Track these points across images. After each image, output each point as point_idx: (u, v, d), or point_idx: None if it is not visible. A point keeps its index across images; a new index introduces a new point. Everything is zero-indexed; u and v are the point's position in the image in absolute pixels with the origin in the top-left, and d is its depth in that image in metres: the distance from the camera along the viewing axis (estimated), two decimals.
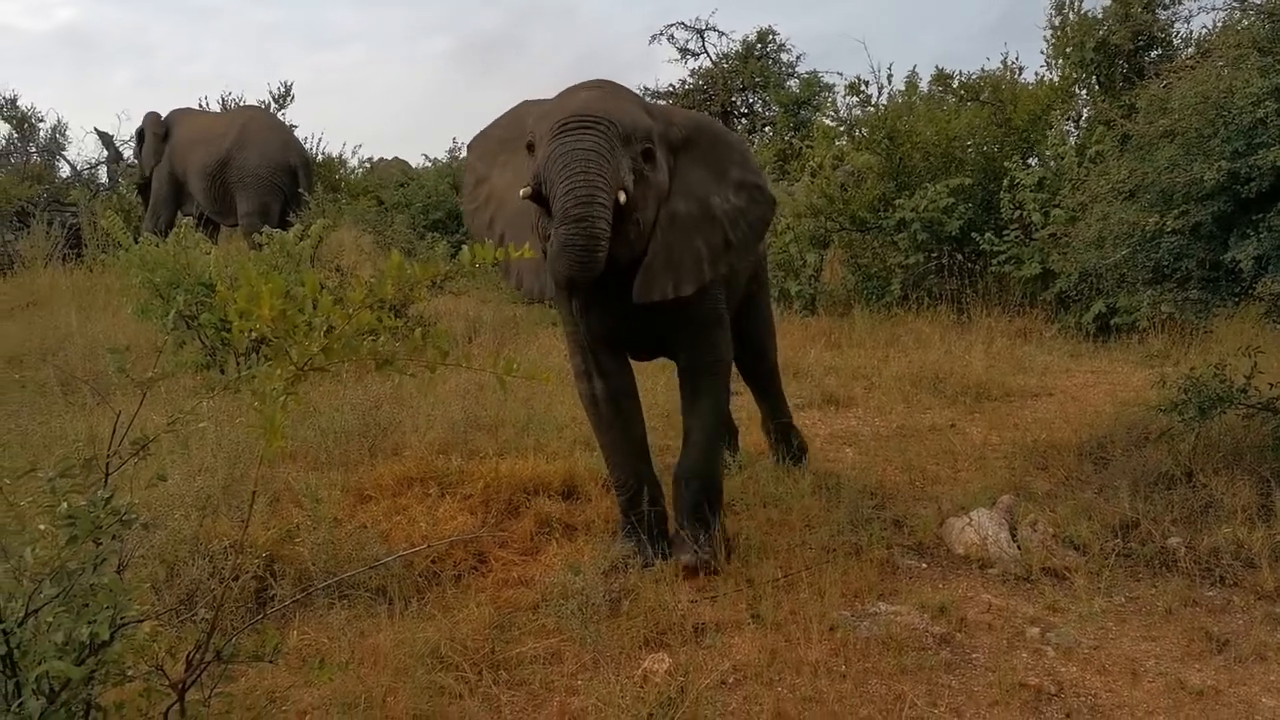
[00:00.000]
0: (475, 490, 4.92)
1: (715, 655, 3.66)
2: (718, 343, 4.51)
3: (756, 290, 5.40)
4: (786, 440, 5.80)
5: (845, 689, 3.43)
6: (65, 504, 2.13)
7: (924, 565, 4.58)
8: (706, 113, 18.53)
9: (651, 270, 4.01)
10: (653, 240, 3.99)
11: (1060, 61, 11.63)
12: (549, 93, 4.10)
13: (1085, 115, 11.46)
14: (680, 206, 4.12)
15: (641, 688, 3.38)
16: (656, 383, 6.49)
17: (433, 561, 4.30)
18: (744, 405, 6.28)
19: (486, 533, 4.60)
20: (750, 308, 5.30)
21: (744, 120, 18.73)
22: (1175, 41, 11.35)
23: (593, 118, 3.67)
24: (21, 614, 2.06)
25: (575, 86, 3.97)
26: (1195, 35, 11.28)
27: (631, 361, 4.66)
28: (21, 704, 2.00)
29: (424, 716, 3.20)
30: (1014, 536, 4.66)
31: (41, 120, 16.02)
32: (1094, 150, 9.55)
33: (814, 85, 16.60)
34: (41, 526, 2.13)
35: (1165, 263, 5.12)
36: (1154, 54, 11.25)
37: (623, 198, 3.64)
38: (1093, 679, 3.59)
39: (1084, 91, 11.68)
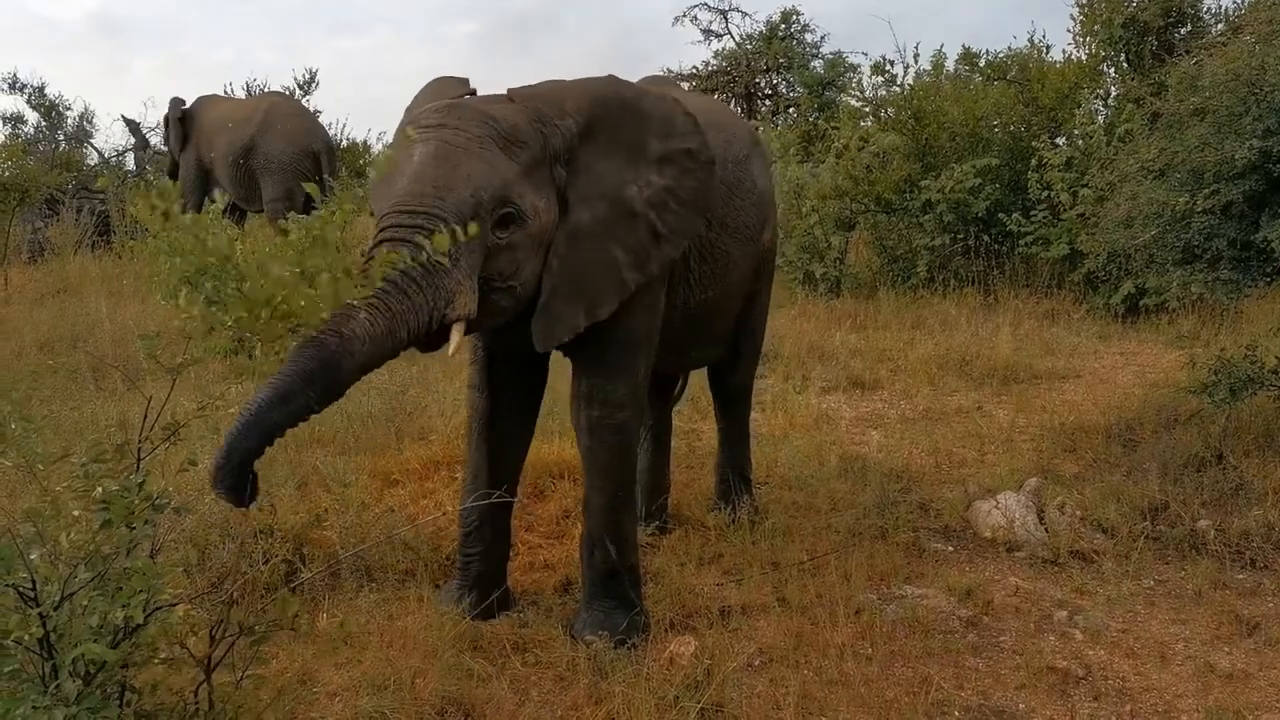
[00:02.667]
0: None
1: (741, 638, 3.67)
2: (633, 371, 3.69)
3: (757, 286, 4.65)
4: (738, 494, 4.83)
5: (871, 671, 3.43)
6: (99, 489, 2.15)
7: (950, 548, 4.57)
8: (727, 93, 18.45)
9: (552, 309, 3.33)
10: (548, 273, 3.30)
11: (1088, 39, 11.50)
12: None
13: (1114, 93, 11.32)
14: (584, 216, 3.38)
15: (668, 670, 3.40)
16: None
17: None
18: (767, 388, 6.27)
19: (513, 516, 4.61)
20: (745, 304, 4.59)
21: (768, 102, 18.62)
22: (1205, 17, 11.20)
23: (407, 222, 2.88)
24: (57, 597, 2.09)
25: (422, 134, 3.08)
26: (1226, 11, 11.14)
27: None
28: (58, 685, 2.04)
29: (452, 698, 3.23)
30: (1041, 519, 4.64)
31: (69, 108, 16.18)
32: (1123, 129, 9.45)
33: (839, 66, 16.44)
34: (76, 511, 2.16)
35: (1195, 242, 5.07)
36: (1184, 30, 11.09)
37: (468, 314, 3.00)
38: (1121, 662, 3.58)
39: (1112, 69, 11.54)
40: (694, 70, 18.77)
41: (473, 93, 3.61)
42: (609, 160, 3.47)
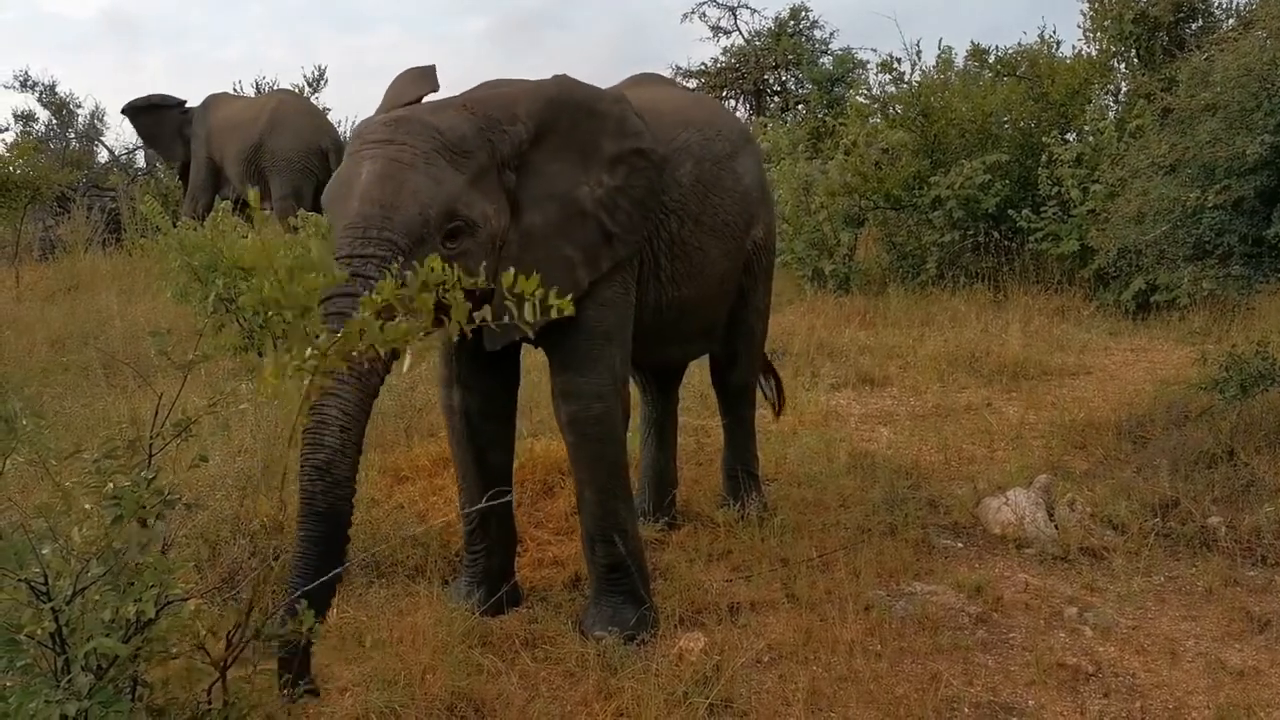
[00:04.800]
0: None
1: (750, 634, 3.67)
2: (606, 363, 3.67)
3: (750, 284, 4.57)
4: (746, 491, 4.80)
5: (880, 668, 3.43)
6: (111, 485, 2.16)
7: (960, 545, 4.56)
8: (735, 90, 18.41)
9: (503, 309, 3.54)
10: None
11: (1099, 34, 11.46)
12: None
13: (1124, 89, 11.29)
14: (536, 218, 3.45)
15: (677, 666, 3.40)
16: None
17: None
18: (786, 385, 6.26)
19: (521, 513, 4.62)
20: (738, 302, 4.55)
21: (777, 98, 18.57)
22: (1216, 12, 11.15)
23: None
24: (70, 592, 2.10)
25: (361, 151, 3.19)
26: (1237, 6, 11.09)
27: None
28: (71, 680, 2.05)
29: (462, 693, 3.24)
30: (1051, 516, 4.63)
31: (80, 106, 16.25)
32: (1134, 125, 9.40)
33: (848, 62, 16.41)
34: (88, 506, 2.17)
35: (1207, 238, 5.06)
36: (1195, 26, 11.04)
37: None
38: (1131, 659, 3.57)
39: (1123, 65, 11.50)
40: (703, 67, 18.74)
41: (436, 88, 3.62)
42: (561, 162, 3.54)
